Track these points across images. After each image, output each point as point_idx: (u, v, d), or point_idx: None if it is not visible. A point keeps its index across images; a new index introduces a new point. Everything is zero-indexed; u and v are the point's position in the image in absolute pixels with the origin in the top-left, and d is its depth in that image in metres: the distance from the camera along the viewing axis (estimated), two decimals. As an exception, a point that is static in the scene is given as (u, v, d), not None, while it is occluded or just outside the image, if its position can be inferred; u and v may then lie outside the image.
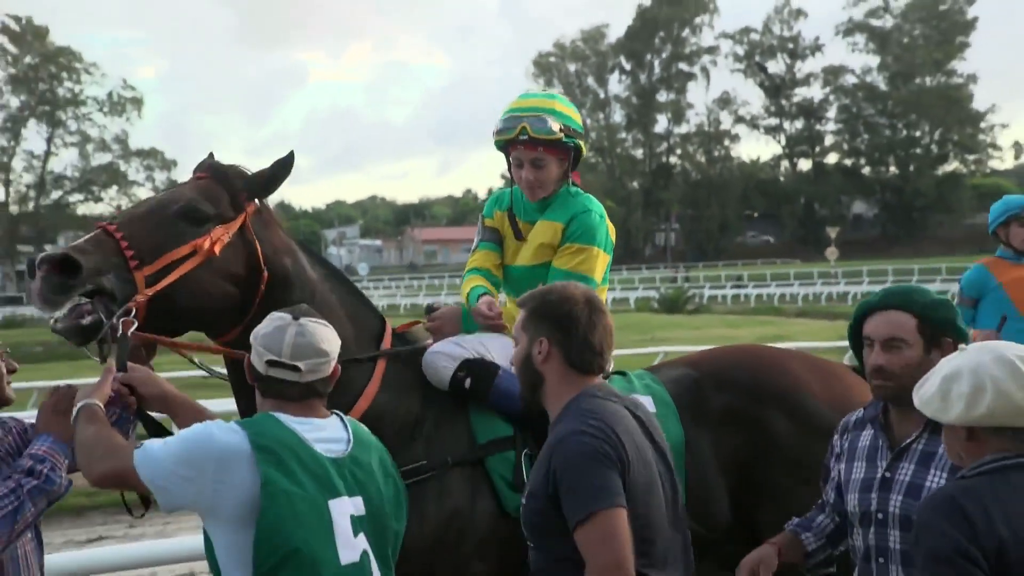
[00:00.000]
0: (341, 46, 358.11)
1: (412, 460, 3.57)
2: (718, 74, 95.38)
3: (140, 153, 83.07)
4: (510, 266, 4.19)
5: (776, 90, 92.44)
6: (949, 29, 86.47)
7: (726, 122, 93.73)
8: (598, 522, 2.80)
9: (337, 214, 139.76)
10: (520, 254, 4.11)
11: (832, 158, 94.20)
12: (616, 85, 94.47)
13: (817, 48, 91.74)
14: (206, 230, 3.35)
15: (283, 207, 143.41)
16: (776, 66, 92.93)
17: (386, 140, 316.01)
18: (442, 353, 3.78)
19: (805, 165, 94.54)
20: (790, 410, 4.01)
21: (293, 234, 3.76)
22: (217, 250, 3.34)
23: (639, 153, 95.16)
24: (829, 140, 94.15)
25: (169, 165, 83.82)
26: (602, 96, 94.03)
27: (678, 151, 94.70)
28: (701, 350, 4.69)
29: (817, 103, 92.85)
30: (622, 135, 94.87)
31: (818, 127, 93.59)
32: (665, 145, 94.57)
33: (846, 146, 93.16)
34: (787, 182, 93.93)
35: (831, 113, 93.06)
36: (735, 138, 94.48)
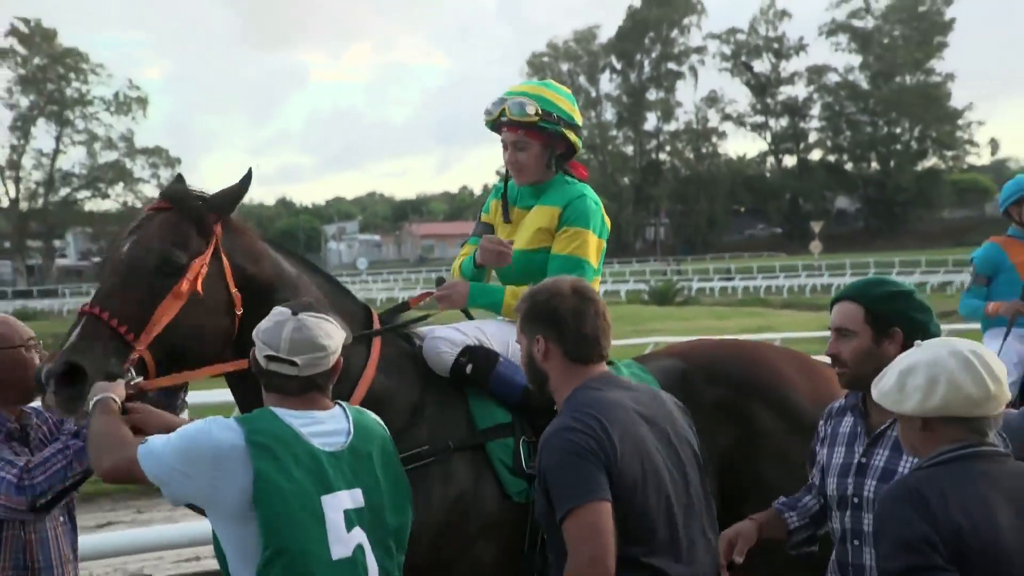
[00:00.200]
0: (342, 47, 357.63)
1: (415, 444, 3.55)
2: (706, 73, 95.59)
3: (145, 151, 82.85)
4: None
5: (762, 89, 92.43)
6: (928, 30, 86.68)
7: (714, 120, 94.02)
8: (577, 518, 2.79)
9: (337, 210, 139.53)
10: (516, 238, 4.07)
11: (816, 154, 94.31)
12: (607, 84, 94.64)
13: (801, 48, 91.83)
14: (183, 273, 3.26)
15: (284, 203, 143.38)
16: (762, 65, 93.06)
17: (385, 139, 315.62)
18: (443, 339, 3.76)
19: (790, 161, 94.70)
20: (777, 406, 4.01)
21: (261, 233, 3.67)
22: (200, 288, 3.27)
23: (629, 150, 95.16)
24: (813, 137, 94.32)
25: (173, 162, 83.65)
26: (593, 95, 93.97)
27: (667, 148, 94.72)
28: (688, 340, 4.69)
29: (801, 101, 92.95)
30: (613, 132, 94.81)
31: (802, 124, 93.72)
32: (655, 142, 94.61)
33: (829, 143, 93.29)
34: (773, 178, 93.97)
35: (815, 111, 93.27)
36: (722, 135, 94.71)
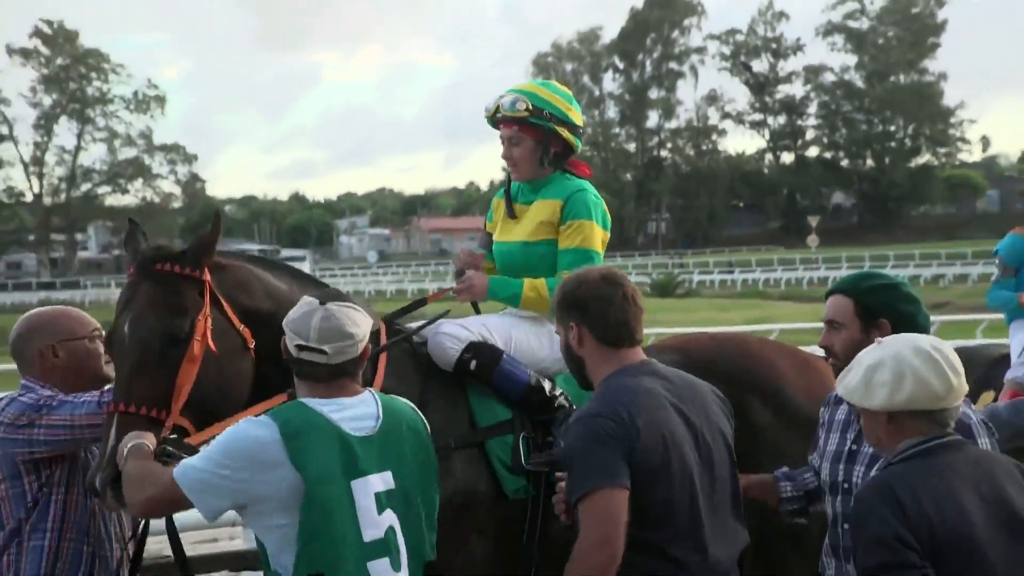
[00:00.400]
0: (353, 48, 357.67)
1: None
2: (706, 73, 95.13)
3: (163, 148, 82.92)
4: (507, 242, 4.10)
5: (760, 87, 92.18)
6: (921, 31, 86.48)
7: (713, 118, 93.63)
8: (591, 502, 2.79)
9: (348, 205, 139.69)
10: (516, 230, 4.04)
11: (813, 151, 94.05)
12: (610, 83, 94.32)
13: (798, 48, 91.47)
14: (191, 336, 3.14)
15: (297, 198, 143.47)
16: (760, 65, 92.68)
17: (395, 136, 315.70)
18: (449, 335, 3.73)
19: (788, 158, 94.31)
20: (773, 401, 3.99)
21: (236, 253, 3.54)
22: (212, 344, 3.17)
23: (632, 147, 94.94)
24: (810, 134, 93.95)
25: (190, 159, 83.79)
26: (597, 94, 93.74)
27: (668, 145, 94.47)
28: (686, 333, 4.68)
29: (799, 100, 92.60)
30: (616, 130, 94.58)
31: (800, 122, 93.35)
32: (656, 140, 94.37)
33: (826, 140, 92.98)
34: (771, 174, 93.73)
35: (812, 109, 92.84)
36: (722, 133, 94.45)
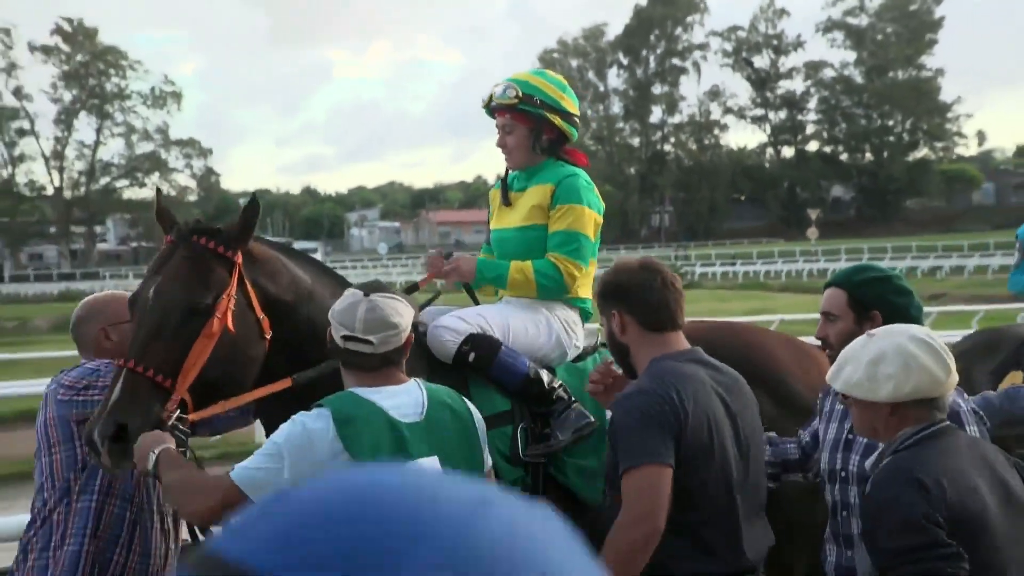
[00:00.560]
0: (364, 45, 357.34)
1: None
2: (708, 68, 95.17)
3: (179, 142, 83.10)
4: (502, 229, 4.02)
5: (761, 83, 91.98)
6: (919, 27, 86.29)
7: (716, 113, 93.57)
8: (638, 475, 2.79)
9: (359, 198, 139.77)
10: (511, 217, 3.98)
11: (813, 146, 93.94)
12: (615, 79, 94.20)
13: (799, 44, 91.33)
14: (212, 312, 3.11)
15: (309, 192, 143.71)
16: (761, 61, 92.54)
17: (404, 130, 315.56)
18: (447, 328, 3.67)
19: (788, 152, 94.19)
20: (773, 391, 3.92)
21: (267, 240, 3.53)
22: (231, 324, 3.13)
23: (636, 141, 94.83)
24: (810, 129, 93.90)
25: (205, 153, 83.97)
26: (601, 89, 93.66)
27: (671, 139, 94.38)
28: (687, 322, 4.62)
29: (799, 95, 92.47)
30: (620, 125, 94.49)
31: (800, 117, 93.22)
32: (659, 134, 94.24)
33: (825, 134, 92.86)
34: (771, 168, 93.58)
35: (812, 104, 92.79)
36: (724, 127, 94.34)
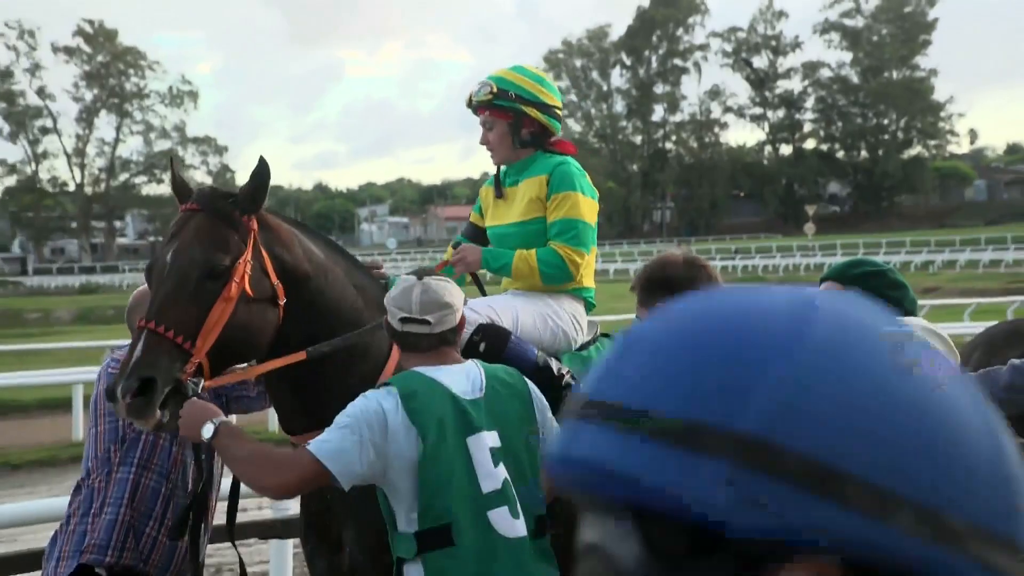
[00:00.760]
0: (376, 44, 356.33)
1: None
2: (709, 68, 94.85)
3: (196, 140, 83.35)
4: (500, 225, 3.91)
5: (760, 83, 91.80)
6: (913, 28, 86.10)
7: (716, 111, 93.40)
8: None
9: (369, 194, 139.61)
10: (509, 213, 3.87)
11: (810, 143, 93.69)
12: (618, 78, 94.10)
13: (797, 45, 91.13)
14: (229, 274, 3.05)
15: (321, 188, 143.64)
16: (760, 61, 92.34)
17: (414, 128, 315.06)
18: None
19: (786, 150, 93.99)
20: None
21: (283, 215, 3.45)
22: (248, 287, 3.07)
23: (638, 139, 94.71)
24: (807, 127, 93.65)
25: (221, 150, 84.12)
26: (605, 88, 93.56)
27: (673, 137, 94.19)
28: None
29: (797, 94, 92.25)
30: (623, 123, 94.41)
31: (797, 116, 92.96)
32: (661, 132, 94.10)
33: (822, 133, 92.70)
34: (770, 165, 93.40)
35: (809, 103, 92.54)
36: (724, 126, 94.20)
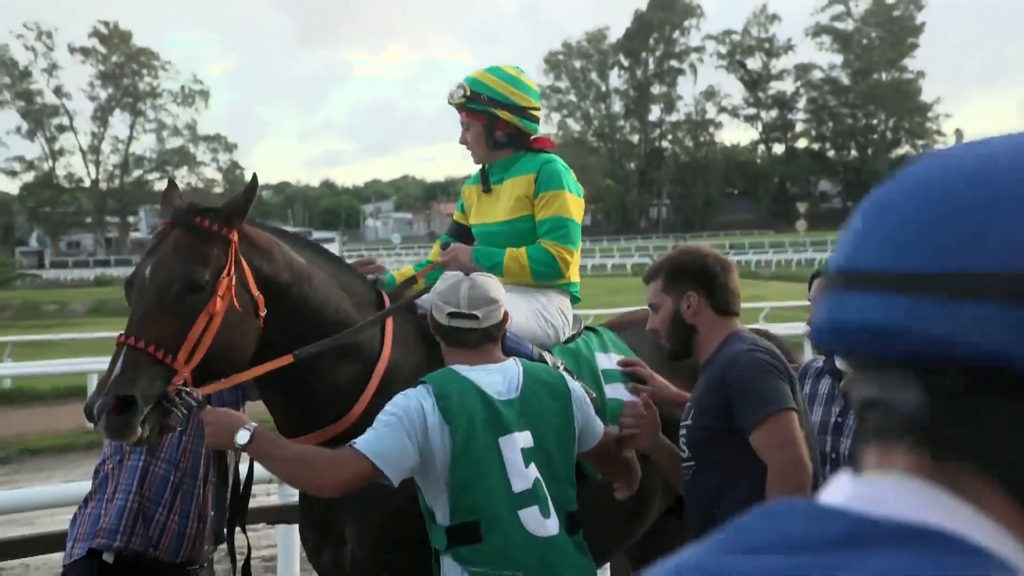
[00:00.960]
0: (381, 46, 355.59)
1: None
2: (704, 70, 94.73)
3: (207, 138, 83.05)
4: (487, 223, 3.81)
5: (754, 84, 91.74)
6: (901, 32, 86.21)
7: (711, 112, 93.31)
8: (776, 423, 2.67)
9: (374, 191, 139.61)
10: (495, 211, 3.77)
11: (802, 143, 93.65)
12: (616, 79, 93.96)
13: (789, 48, 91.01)
14: (211, 290, 2.91)
15: (327, 185, 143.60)
16: (754, 63, 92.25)
17: (418, 127, 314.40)
18: None
19: (779, 149, 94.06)
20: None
21: (262, 223, 3.28)
22: (236, 303, 2.94)
23: (635, 139, 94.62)
24: (799, 127, 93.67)
25: (231, 148, 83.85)
26: (603, 89, 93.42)
27: (669, 137, 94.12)
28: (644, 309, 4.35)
29: (789, 95, 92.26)
30: (621, 123, 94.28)
31: (790, 116, 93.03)
32: (658, 132, 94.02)
33: (814, 132, 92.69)
34: (763, 164, 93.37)
35: (801, 104, 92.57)
36: (718, 126, 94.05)
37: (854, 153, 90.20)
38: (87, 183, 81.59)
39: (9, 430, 13.03)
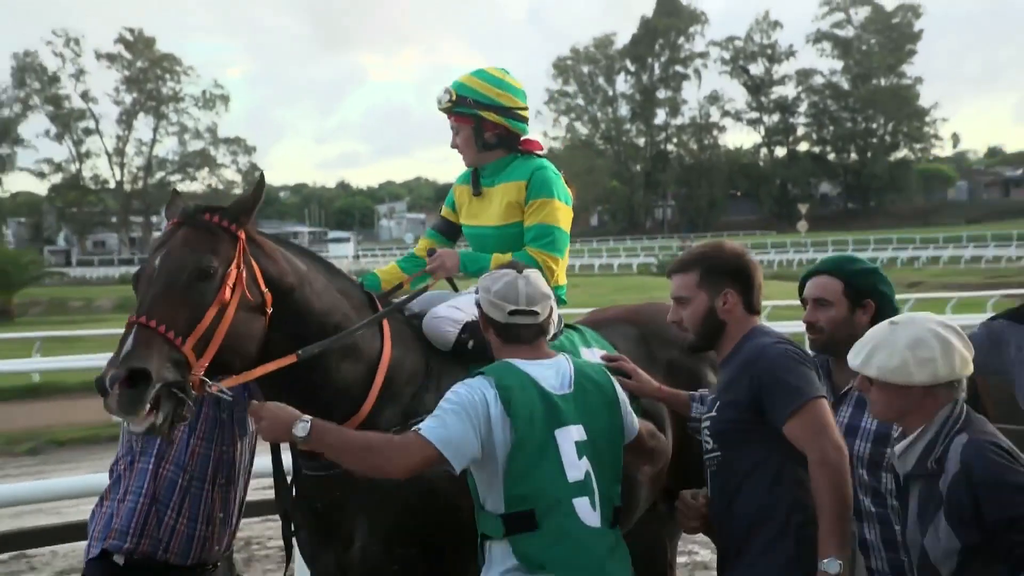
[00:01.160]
0: (395, 50, 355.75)
1: (424, 410, 3.15)
2: (708, 75, 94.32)
3: (227, 141, 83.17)
4: (478, 226, 3.77)
5: (756, 89, 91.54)
6: (900, 39, 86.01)
7: (714, 115, 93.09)
8: (811, 410, 2.65)
9: (388, 192, 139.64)
10: (486, 214, 3.72)
11: (803, 146, 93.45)
12: (622, 84, 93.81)
13: (791, 54, 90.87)
14: (221, 279, 2.83)
15: (343, 186, 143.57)
16: (757, 68, 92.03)
17: (431, 130, 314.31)
18: (445, 318, 3.45)
19: (780, 152, 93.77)
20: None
21: (263, 233, 3.19)
22: (247, 292, 2.89)
23: (641, 141, 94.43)
24: (800, 131, 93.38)
25: (250, 150, 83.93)
26: (610, 93, 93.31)
27: (674, 140, 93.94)
28: (629, 305, 4.31)
29: (791, 100, 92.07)
30: (627, 126, 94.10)
31: (791, 120, 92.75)
32: (663, 135, 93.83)
33: (815, 136, 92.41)
34: (765, 166, 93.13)
35: (802, 108, 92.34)
36: (722, 129, 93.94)
37: (854, 156, 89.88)
38: (112, 184, 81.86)
39: (37, 422, 13.09)
